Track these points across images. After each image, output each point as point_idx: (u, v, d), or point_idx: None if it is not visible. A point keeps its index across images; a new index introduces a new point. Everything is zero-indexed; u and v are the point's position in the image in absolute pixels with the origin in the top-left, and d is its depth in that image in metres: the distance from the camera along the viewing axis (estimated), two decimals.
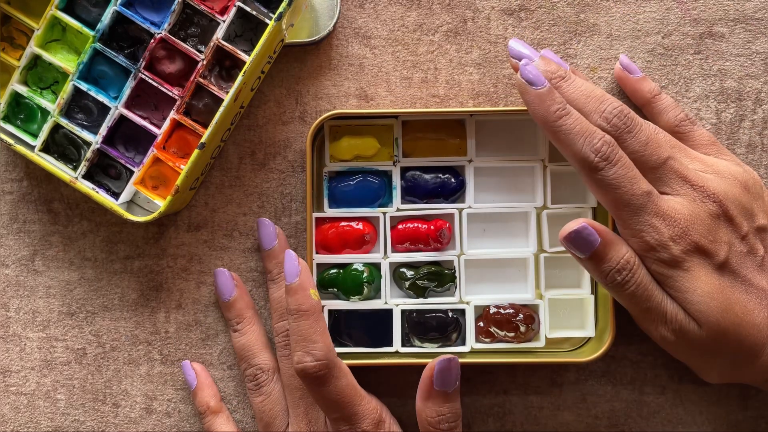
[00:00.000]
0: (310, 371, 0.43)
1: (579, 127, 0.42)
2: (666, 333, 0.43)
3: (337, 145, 0.48)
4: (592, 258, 0.42)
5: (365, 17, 0.50)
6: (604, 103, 0.43)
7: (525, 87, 0.43)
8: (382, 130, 0.48)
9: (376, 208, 0.48)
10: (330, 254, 0.48)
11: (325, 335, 0.44)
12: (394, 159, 0.48)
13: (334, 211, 0.48)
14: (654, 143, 0.43)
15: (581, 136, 0.42)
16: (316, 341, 0.43)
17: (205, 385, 0.49)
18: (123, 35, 0.47)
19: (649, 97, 0.48)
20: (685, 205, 0.43)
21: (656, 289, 0.43)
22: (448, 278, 0.48)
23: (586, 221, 0.42)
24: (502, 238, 0.49)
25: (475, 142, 0.48)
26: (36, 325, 0.50)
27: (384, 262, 0.48)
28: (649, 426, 0.50)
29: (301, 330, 0.44)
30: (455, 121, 0.48)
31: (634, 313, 0.44)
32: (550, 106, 0.43)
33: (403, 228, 0.48)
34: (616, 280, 0.42)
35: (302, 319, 0.44)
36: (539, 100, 0.43)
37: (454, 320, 0.48)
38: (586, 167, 0.42)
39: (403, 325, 0.48)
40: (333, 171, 0.48)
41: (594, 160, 0.42)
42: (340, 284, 0.48)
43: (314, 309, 0.44)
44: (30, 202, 0.50)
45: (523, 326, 0.47)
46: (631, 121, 0.43)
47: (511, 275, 0.49)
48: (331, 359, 0.44)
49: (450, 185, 0.48)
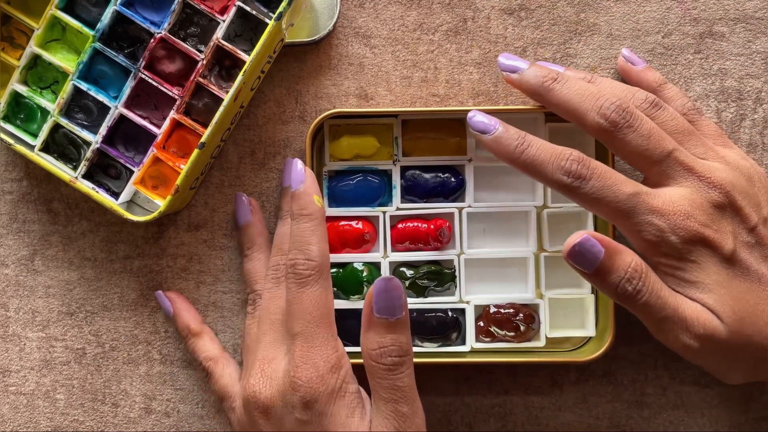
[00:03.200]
0: (299, 268, 0.43)
1: (543, 155, 0.42)
2: (688, 341, 0.42)
3: (336, 145, 0.48)
4: (598, 271, 0.41)
5: (365, 17, 0.50)
6: (600, 99, 0.43)
7: (479, 137, 0.44)
8: (382, 129, 0.48)
9: (375, 207, 0.48)
10: (330, 253, 0.48)
11: (324, 242, 0.44)
12: (394, 158, 0.48)
13: (333, 210, 0.48)
14: (657, 136, 0.43)
15: (548, 162, 0.42)
16: (312, 243, 0.43)
17: (182, 309, 0.49)
18: (123, 35, 0.47)
19: (654, 86, 0.47)
20: (684, 195, 0.42)
21: (670, 294, 0.42)
22: (448, 277, 0.48)
23: (587, 232, 0.41)
24: (503, 238, 0.49)
25: (474, 141, 0.48)
26: (35, 324, 0.50)
27: (384, 261, 0.48)
28: (650, 427, 0.50)
29: (301, 231, 0.44)
30: (455, 120, 0.48)
31: (650, 324, 0.43)
32: (509, 146, 0.43)
33: (402, 227, 0.48)
34: (627, 290, 0.41)
35: (303, 222, 0.44)
36: (496, 144, 0.43)
37: (454, 320, 0.48)
38: (563, 189, 0.42)
39: None
40: (333, 170, 0.48)
41: (567, 181, 0.42)
42: (340, 283, 0.48)
43: (317, 213, 0.44)
44: (30, 201, 0.50)
45: (524, 326, 0.47)
46: (630, 115, 0.43)
47: (512, 274, 0.49)
48: (322, 264, 0.43)
49: (450, 184, 0.48)
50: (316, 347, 0.43)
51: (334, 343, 0.43)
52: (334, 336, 0.43)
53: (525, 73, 0.45)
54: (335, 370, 0.42)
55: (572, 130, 0.48)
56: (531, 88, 0.45)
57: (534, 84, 0.45)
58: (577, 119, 0.44)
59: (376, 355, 0.42)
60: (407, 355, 0.42)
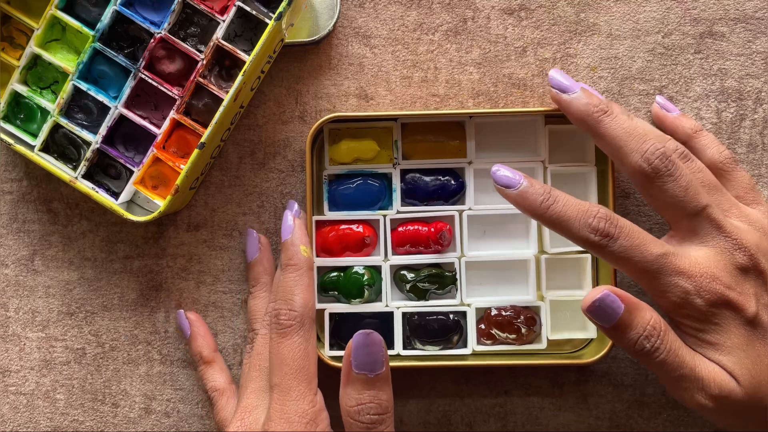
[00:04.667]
0: (282, 318, 0.43)
1: (570, 211, 0.42)
2: (703, 400, 0.41)
3: (336, 148, 0.48)
4: (617, 327, 0.41)
5: (365, 17, 0.50)
6: (646, 143, 0.42)
7: (503, 191, 0.43)
8: (382, 132, 0.48)
9: (376, 210, 0.48)
10: (330, 257, 0.48)
11: (308, 292, 0.44)
12: (394, 161, 0.48)
13: (334, 214, 0.48)
14: (694, 190, 0.42)
15: (575, 219, 0.42)
16: (296, 294, 0.44)
17: (199, 335, 0.49)
18: (123, 35, 0.47)
19: (690, 134, 0.47)
20: (711, 257, 0.42)
21: (688, 353, 0.41)
22: (449, 280, 0.48)
23: (607, 288, 0.41)
24: (503, 240, 0.49)
25: (474, 143, 0.48)
26: (35, 324, 0.50)
27: (384, 264, 0.48)
28: (650, 427, 0.50)
29: (286, 281, 0.44)
30: (455, 123, 0.48)
31: (667, 381, 0.42)
32: (534, 201, 0.42)
33: (403, 230, 0.48)
34: (645, 347, 0.41)
35: (289, 272, 0.45)
36: (521, 199, 0.43)
37: (455, 323, 0.48)
38: (590, 247, 0.42)
39: (405, 328, 0.48)
40: (333, 174, 0.48)
41: (595, 240, 0.41)
42: (341, 287, 0.48)
43: (302, 264, 0.45)
44: (30, 201, 0.50)
45: (525, 328, 0.47)
46: (672, 165, 0.42)
47: (512, 277, 0.49)
48: (304, 315, 0.44)
49: (450, 187, 0.48)
50: (291, 401, 0.42)
51: (311, 397, 0.43)
52: (311, 389, 0.43)
53: (576, 97, 0.44)
54: (311, 425, 0.42)
55: (572, 132, 0.48)
56: (579, 115, 0.44)
57: (583, 112, 0.44)
58: (619, 157, 0.43)
59: (354, 412, 0.41)
60: (387, 412, 0.41)
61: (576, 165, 0.48)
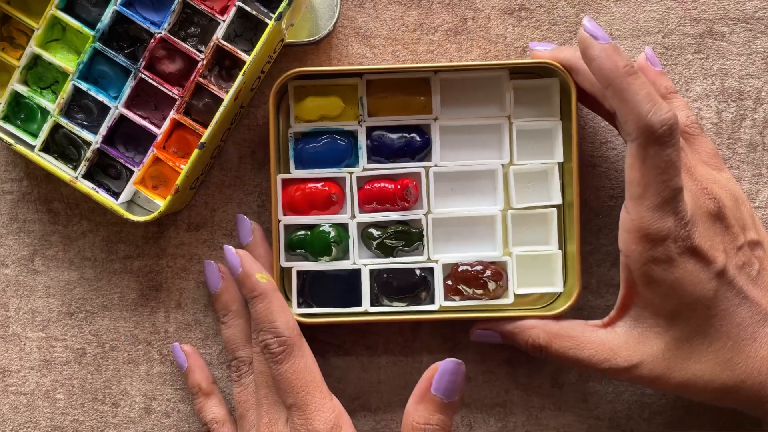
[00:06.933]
0: (272, 348, 0.44)
1: (646, 91, 0.41)
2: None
3: (301, 106, 0.48)
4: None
5: (365, 17, 0.50)
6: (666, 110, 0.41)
7: (590, 41, 0.42)
8: (347, 89, 0.48)
9: (342, 168, 0.48)
10: (297, 215, 0.48)
11: (285, 312, 0.45)
12: (360, 119, 0.48)
13: (299, 172, 0.48)
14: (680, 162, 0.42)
15: (649, 101, 0.41)
16: (276, 320, 0.44)
17: (196, 367, 0.49)
18: (123, 35, 0.47)
19: (663, 93, 0.47)
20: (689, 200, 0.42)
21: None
22: (416, 237, 0.48)
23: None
24: (470, 196, 0.49)
25: (440, 99, 0.48)
26: (35, 324, 0.50)
27: (351, 222, 0.48)
28: (650, 427, 0.50)
29: (258, 313, 0.45)
30: (420, 79, 0.48)
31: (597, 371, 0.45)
32: (618, 61, 0.41)
33: (370, 188, 0.48)
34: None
35: (258, 303, 0.45)
36: (606, 54, 0.41)
37: (422, 279, 0.48)
38: (646, 136, 0.41)
39: (372, 285, 0.48)
40: (299, 132, 0.48)
41: (659, 130, 0.41)
42: (308, 245, 0.48)
43: (266, 291, 0.45)
44: (30, 201, 0.50)
45: (492, 283, 0.47)
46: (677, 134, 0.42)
47: (479, 233, 0.49)
48: (292, 336, 0.44)
49: (416, 144, 0.48)
50: (313, 413, 0.44)
51: (329, 403, 0.44)
52: (326, 396, 0.44)
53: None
54: (336, 428, 0.44)
55: (536, 88, 0.48)
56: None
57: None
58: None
59: (419, 429, 0.43)
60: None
61: (541, 119, 0.48)
